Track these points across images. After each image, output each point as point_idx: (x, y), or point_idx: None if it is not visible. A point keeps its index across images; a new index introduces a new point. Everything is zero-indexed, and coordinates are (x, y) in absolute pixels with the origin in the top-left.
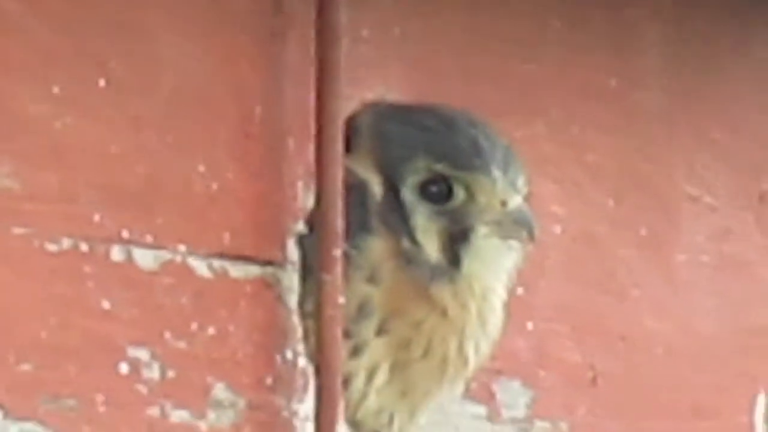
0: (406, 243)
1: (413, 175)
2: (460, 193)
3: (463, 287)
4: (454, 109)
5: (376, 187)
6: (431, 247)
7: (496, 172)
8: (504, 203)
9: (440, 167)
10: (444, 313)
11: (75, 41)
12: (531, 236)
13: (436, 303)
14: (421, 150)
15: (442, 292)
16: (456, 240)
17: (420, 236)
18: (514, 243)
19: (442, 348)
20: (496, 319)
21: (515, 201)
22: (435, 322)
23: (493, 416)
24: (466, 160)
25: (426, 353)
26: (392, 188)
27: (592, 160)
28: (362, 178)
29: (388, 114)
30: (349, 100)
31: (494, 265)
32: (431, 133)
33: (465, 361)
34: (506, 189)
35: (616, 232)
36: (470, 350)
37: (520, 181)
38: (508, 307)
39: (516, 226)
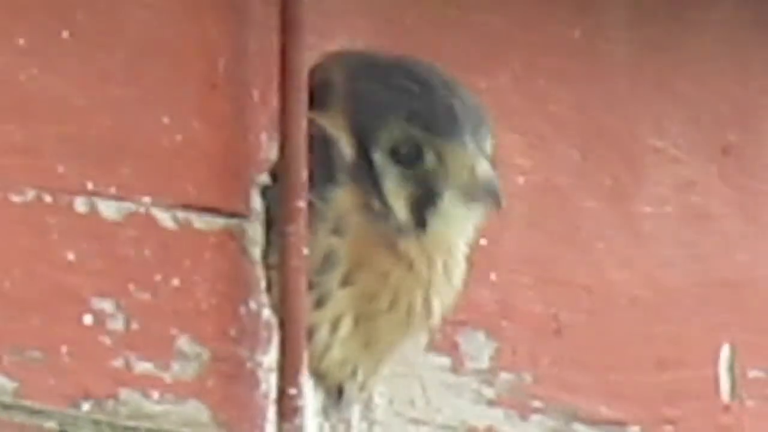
0: (375, 203)
1: (385, 136)
2: (429, 157)
3: (429, 243)
4: (430, 68)
5: (347, 148)
6: (399, 209)
7: (467, 138)
8: (472, 169)
9: (414, 131)
10: (410, 266)
11: None
12: (497, 205)
13: (403, 257)
14: (395, 113)
15: (409, 246)
16: (423, 203)
17: (389, 198)
18: (475, 208)
19: (407, 300)
20: (460, 271)
21: (483, 167)
22: (401, 275)
23: (457, 367)
24: (441, 125)
25: (392, 305)
26: (363, 148)
27: (557, 111)
28: (332, 136)
29: (362, 70)
30: (313, 51)
31: (459, 226)
32: (407, 95)
33: (430, 313)
34: (475, 155)
35: (581, 183)
36: (436, 303)
37: (488, 144)
38: (471, 258)
39: (483, 193)
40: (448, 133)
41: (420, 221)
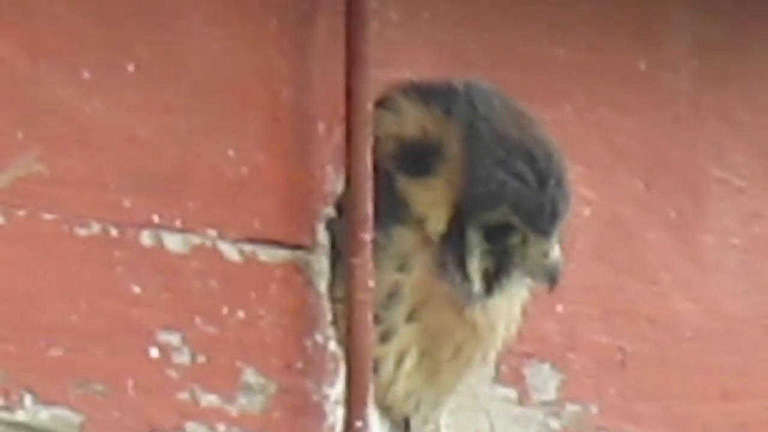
0: (451, 267)
1: (488, 217)
2: (515, 239)
3: (493, 311)
4: (548, 149)
5: (438, 224)
6: (476, 281)
7: (552, 231)
8: (546, 254)
9: (514, 220)
10: (474, 329)
11: (104, 26)
12: (553, 287)
13: (468, 321)
14: (506, 200)
15: (475, 314)
16: (494, 276)
17: (470, 270)
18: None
19: (468, 355)
20: (517, 322)
21: (555, 253)
22: (465, 335)
23: (523, 399)
24: (540, 222)
25: (453, 357)
26: (459, 222)
27: (621, 142)
28: (419, 213)
29: (482, 144)
30: (376, 82)
31: (520, 294)
32: (521, 185)
33: (487, 363)
34: (552, 242)
35: (645, 214)
36: (492, 356)
37: (564, 226)
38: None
39: (547, 276)
40: (544, 230)
41: (489, 292)
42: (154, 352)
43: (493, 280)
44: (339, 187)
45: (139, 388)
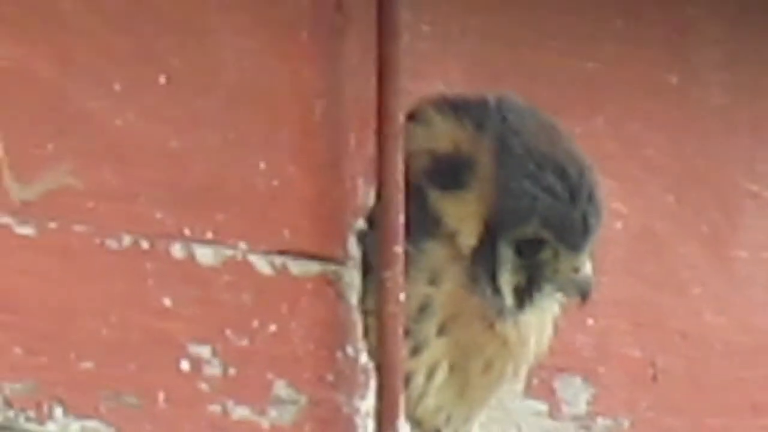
0: (483, 281)
1: (519, 232)
2: (547, 254)
3: (524, 325)
4: (580, 164)
5: (469, 238)
6: (507, 295)
7: (583, 246)
8: (577, 270)
9: (546, 234)
10: (505, 343)
11: (135, 39)
12: (584, 301)
13: (499, 335)
14: (536, 214)
15: (506, 328)
16: (525, 291)
17: (502, 285)
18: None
19: (499, 369)
20: (549, 336)
21: (586, 268)
22: (496, 350)
23: (554, 413)
24: (570, 236)
25: (484, 371)
26: (490, 236)
27: (652, 156)
28: (450, 227)
29: (513, 158)
30: (407, 95)
31: (551, 308)
32: (551, 199)
33: (518, 378)
34: (583, 258)
35: (677, 228)
36: (523, 371)
37: (596, 241)
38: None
39: (578, 290)
40: (574, 245)
41: (520, 307)
42: (185, 365)
43: (524, 294)
44: (370, 199)
45: (170, 400)
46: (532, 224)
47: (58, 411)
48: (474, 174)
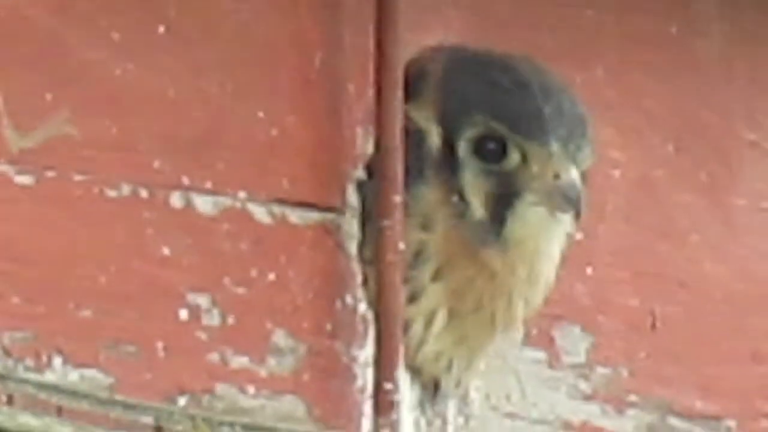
0: (455, 199)
1: (470, 129)
2: (514, 156)
3: (512, 251)
4: (535, 69)
5: (434, 138)
6: (476, 205)
7: (555, 144)
8: (557, 175)
9: (498, 126)
10: (493, 275)
11: None
12: (577, 214)
13: (486, 265)
14: (482, 105)
15: (492, 256)
16: (502, 202)
17: (468, 193)
18: (562, 216)
19: (491, 306)
20: (548, 276)
21: (569, 175)
22: (484, 282)
23: (553, 362)
24: (525, 126)
25: (476, 308)
26: (449, 140)
27: (652, 105)
28: (422, 127)
29: (460, 63)
30: (408, 46)
31: (543, 233)
32: (498, 91)
33: (514, 318)
34: (562, 162)
35: (676, 177)
36: (518, 309)
37: (583, 154)
38: (566, 255)
39: (563, 199)
40: (532, 135)
41: (499, 220)
42: (184, 314)
43: (501, 207)
44: (369, 149)
45: (168, 349)
46: (480, 118)
47: (57, 360)
48: (425, 81)
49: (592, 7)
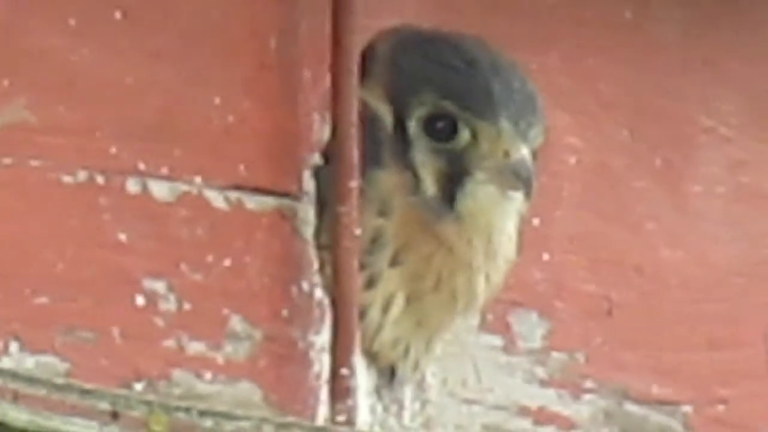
0: (409, 177)
1: (420, 107)
2: (464, 135)
3: (468, 226)
4: (483, 48)
5: (386, 118)
6: (428, 183)
7: (504, 122)
8: (507, 153)
9: (447, 104)
10: (451, 249)
11: None
12: (527, 192)
13: (443, 240)
14: (431, 84)
15: (447, 229)
16: (454, 180)
17: (419, 170)
18: (514, 194)
19: (450, 282)
20: (505, 252)
21: (519, 153)
22: (443, 258)
23: (509, 347)
24: (474, 103)
25: (436, 286)
26: (401, 120)
27: (607, 91)
28: (373, 108)
29: (409, 43)
30: (364, 31)
31: (496, 208)
32: (446, 69)
33: (474, 295)
34: (512, 140)
35: (632, 163)
36: (479, 284)
37: (534, 132)
38: (523, 238)
39: (513, 178)
40: (481, 112)
41: (450, 197)
42: (140, 300)
43: (452, 185)
44: (325, 135)
45: (125, 335)
46: (429, 96)
47: (14, 346)
48: (376, 62)
49: None
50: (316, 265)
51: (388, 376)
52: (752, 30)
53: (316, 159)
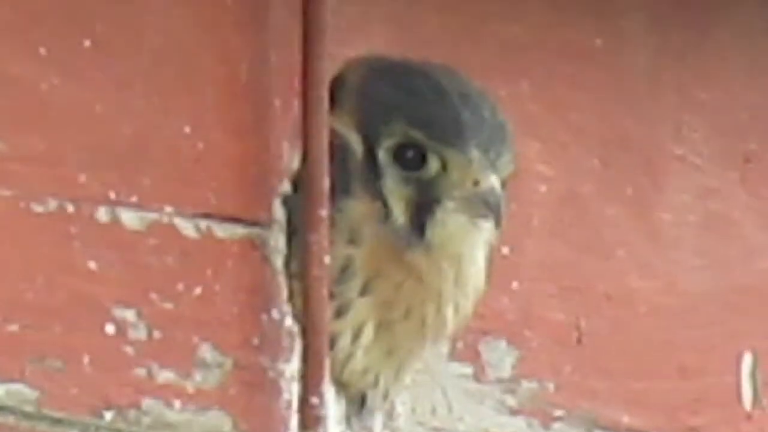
0: (379, 206)
1: (389, 137)
2: (433, 164)
3: (437, 254)
4: (452, 77)
5: (356, 147)
6: (398, 212)
7: (474, 151)
8: (477, 182)
9: (416, 134)
10: (420, 278)
11: (60, 2)
12: (497, 221)
13: (413, 268)
14: (401, 113)
15: (417, 258)
16: (423, 209)
17: (389, 200)
18: (483, 223)
19: (420, 311)
20: (475, 282)
21: (489, 182)
22: (412, 286)
23: (479, 376)
24: (444, 132)
25: (406, 315)
26: (371, 149)
27: (578, 119)
28: (343, 137)
29: (378, 71)
30: (334, 59)
31: (466, 237)
32: (416, 98)
33: (444, 323)
34: (482, 168)
35: (602, 191)
36: (448, 313)
37: (503, 160)
38: (492, 267)
39: (483, 206)
40: (450, 142)
41: (419, 227)
42: (110, 328)
43: (422, 214)
44: (295, 163)
45: (95, 364)
46: (399, 125)
47: None
48: (345, 91)
49: (517, 22)
50: (286, 294)
51: (358, 404)
52: (721, 58)
53: (286, 187)
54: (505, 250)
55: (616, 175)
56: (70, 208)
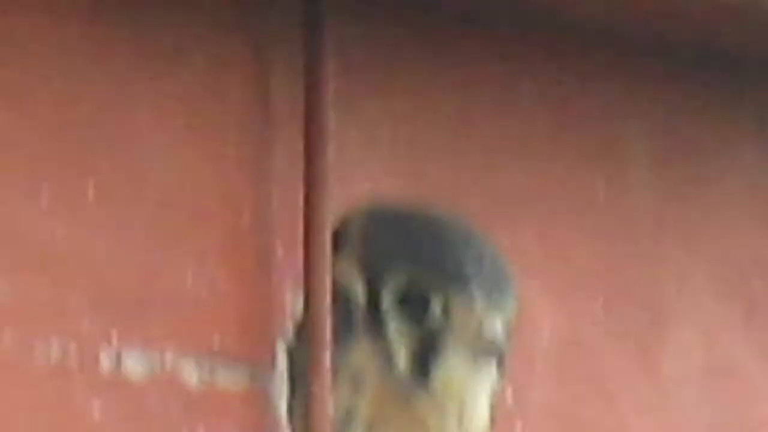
0: (382, 351)
1: (392, 282)
2: (437, 308)
3: (441, 398)
4: (454, 222)
5: (359, 292)
6: (401, 356)
7: (477, 295)
8: (480, 325)
9: (419, 279)
10: (423, 424)
11: (62, 148)
12: (500, 363)
13: (416, 414)
14: (403, 259)
15: (420, 403)
16: (427, 354)
17: (392, 344)
18: (488, 367)
19: None
20: (479, 425)
21: (492, 325)
22: (416, 431)
23: None
24: (446, 277)
25: None
26: (373, 294)
27: (581, 265)
28: (346, 283)
29: (382, 217)
30: (337, 200)
31: (470, 380)
32: (418, 244)
33: None
34: (485, 312)
35: (606, 338)
36: None
37: (506, 304)
38: (496, 410)
39: (487, 350)
40: (455, 286)
41: (423, 371)
42: None
43: (426, 359)
44: (298, 310)
45: None
46: (401, 271)
47: None
48: (348, 235)
49: (522, 171)
50: None
51: None
52: (725, 206)
53: (289, 334)
54: (508, 394)
55: (620, 323)
56: (73, 355)
